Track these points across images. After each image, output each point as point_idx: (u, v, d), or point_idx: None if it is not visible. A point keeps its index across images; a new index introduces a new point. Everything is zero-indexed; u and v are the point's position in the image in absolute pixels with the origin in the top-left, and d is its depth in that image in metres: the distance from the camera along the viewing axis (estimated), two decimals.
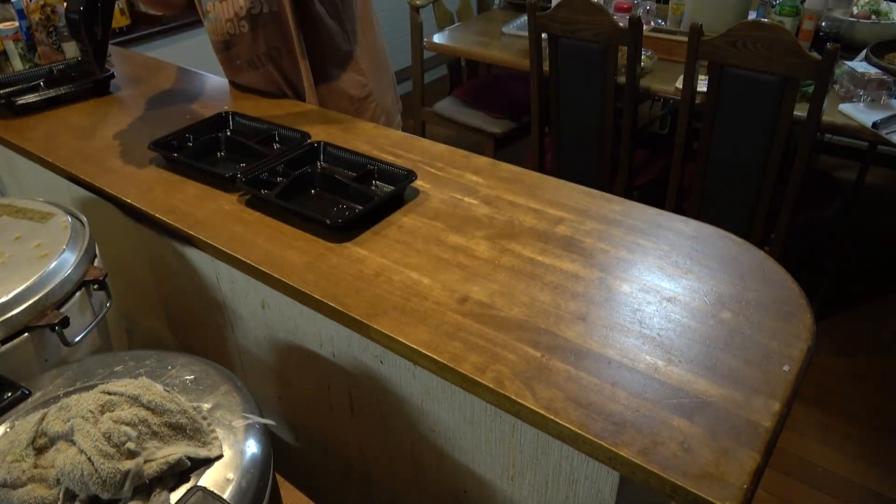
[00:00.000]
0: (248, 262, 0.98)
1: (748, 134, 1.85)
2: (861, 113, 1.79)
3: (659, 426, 0.69)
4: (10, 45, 1.68)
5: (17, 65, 1.70)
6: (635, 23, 1.91)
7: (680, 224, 1.00)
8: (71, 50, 1.76)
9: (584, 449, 0.70)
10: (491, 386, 0.75)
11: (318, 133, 1.31)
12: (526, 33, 2.23)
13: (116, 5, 2.59)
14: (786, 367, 0.75)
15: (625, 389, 0.73)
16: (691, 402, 0.71)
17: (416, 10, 2.57)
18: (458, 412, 0.88)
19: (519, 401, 0.73)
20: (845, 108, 1.82)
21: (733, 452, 0.66)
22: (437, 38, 2.56)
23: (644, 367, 0.76)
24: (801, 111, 1.75)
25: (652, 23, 2.42)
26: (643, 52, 2.05)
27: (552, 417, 0.71)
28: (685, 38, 1.83)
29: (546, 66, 2.15)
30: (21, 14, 1.68)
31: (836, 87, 1.91)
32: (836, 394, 2.01)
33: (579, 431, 0.69)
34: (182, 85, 1.65)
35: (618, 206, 1.05)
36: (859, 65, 1.93)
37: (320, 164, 1.22)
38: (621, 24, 1.95)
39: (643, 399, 0.72)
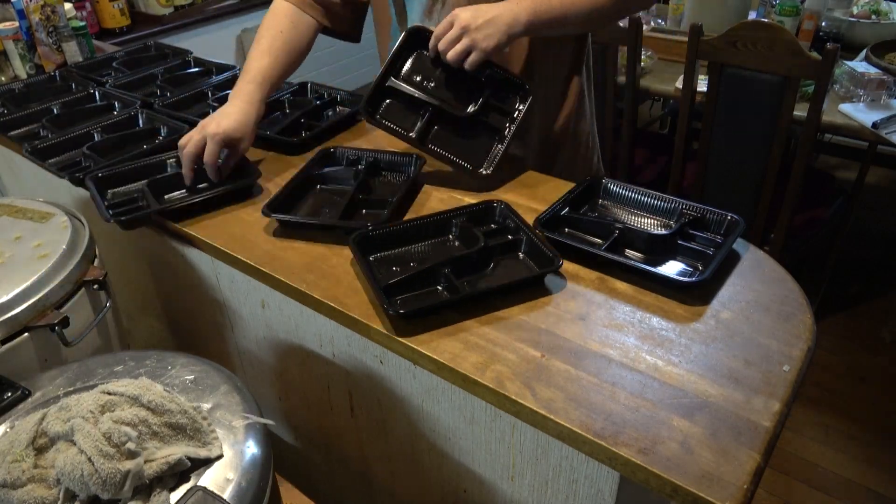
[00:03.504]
0: (248, 262, 0.98)
1: (748, 134, 1.85)
2: (861, 113, 1.79)
3: (659, 426, 0.69)
4: (10, 45, 1.68)
5: (17, 65, 1.71)
6: (635, 23, 1.91)
7: None
8: (70, 50, 1.76)
9: (584, 449, 0.70)
10: (491, 386, 0.75)
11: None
12: None
13: (116, 5, 2.59)
14: (786, 367, 0.75)
15: (625, 389, 0.73)
16: (691, 402, 0.71)
17: None
18: (458, 412, 0.88)
19: (519, 401, 0.73)
20: (845, 108, 1.82)
21: (733, 452, 0.66)
22: None
23: (644, 367, 0.76)
24: (801, 111, 1.75)
25: (652, 23, 2.42)
26: (643, 52, 2.05)
27: (552, 417, 0.71)
28: (685, 38, 1.83)
29: None
30: (21, 14, 1.69)
31: (836, 87, 1.91)
32: (836, 394, 2.01)
33: (579, 431, 0.69)
34: None
35: None
36: (859, 65, 1.93)
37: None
38: (621, 24, 1.95)
39: (643, 399, 0.72)
